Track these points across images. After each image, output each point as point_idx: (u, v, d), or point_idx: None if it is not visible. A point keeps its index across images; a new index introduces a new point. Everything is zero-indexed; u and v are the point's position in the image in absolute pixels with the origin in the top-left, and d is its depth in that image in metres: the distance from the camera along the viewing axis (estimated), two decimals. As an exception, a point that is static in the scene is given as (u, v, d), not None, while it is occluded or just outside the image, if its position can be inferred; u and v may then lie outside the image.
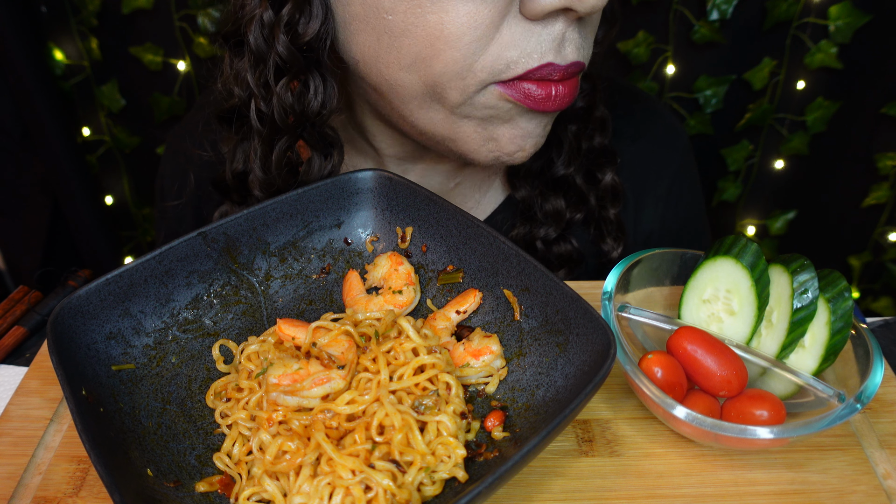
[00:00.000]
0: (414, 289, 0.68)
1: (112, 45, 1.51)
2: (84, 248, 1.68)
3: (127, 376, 0.60)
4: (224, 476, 0.55)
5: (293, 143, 0.76)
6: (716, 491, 0.56)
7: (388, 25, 0.65)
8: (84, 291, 0.59)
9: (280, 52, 0.70)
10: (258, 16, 0.69)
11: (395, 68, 0.68)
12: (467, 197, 0.91)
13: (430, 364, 0.58)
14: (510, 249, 0.63)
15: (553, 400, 0.57)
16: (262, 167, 0.77)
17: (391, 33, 0.66)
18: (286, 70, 0.71)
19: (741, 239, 0.63)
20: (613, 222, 0.89)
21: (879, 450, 0.60)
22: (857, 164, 1.59)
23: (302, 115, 0.74)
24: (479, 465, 0.55)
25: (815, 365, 0.61)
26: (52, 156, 1.53)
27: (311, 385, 0.56)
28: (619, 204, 0.89)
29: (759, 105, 1.54)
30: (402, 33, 0.65)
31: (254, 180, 0.78)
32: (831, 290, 0.60)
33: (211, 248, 0.66)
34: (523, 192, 0.88)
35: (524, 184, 0.88)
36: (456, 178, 0.89)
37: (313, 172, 0.78)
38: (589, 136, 0.87)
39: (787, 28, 1.45)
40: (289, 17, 0.68)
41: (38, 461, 0.58)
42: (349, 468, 0.52)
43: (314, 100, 0.73)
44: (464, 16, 0.63)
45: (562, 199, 0.87)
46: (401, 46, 0.66)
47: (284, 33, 0.69)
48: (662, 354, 0.59)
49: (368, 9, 0.66)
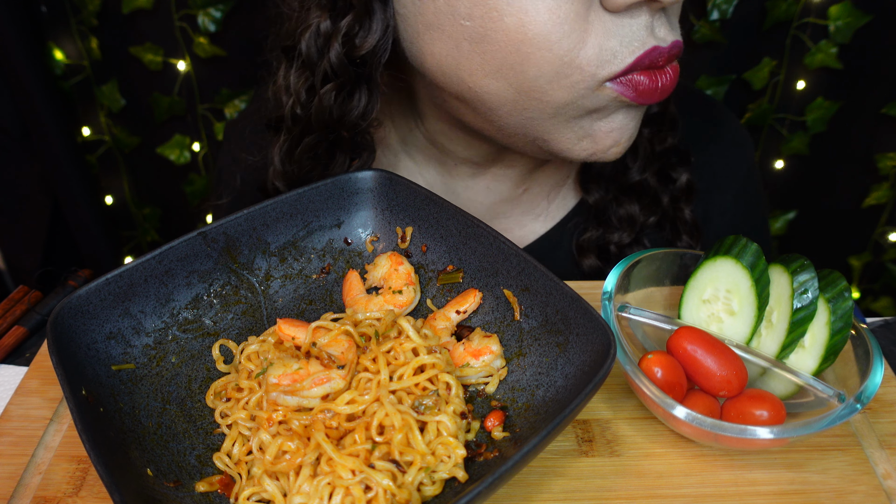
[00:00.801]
0: (414, 289, 0.68)
1: (112, 45, 1.51)
2: (84, 248, 1.68)
3: (127, 376, 0.60)
4: (224, 476, 0.55)
5: (321, 142, 0.76)
6: (716, 491, 0.56)
7: (466, 32, 0.63)
8: (84, 291, 0.59)
9: (332, 61, 0.69)
10: (315, 24, 0.69)
11: (480, 75, 0.65)
12: (535, 203, 0.89)
13: (430, 364, 0.58)
14: (510, 249, 0.63)
15: (553, 400, 0.57)
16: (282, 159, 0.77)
17: (471, 40, 0.63)
18: (334, 79, 0.71)
19: (741, 239, 0.63)
20: (689, 221, 0.87)
21: (879, 450, 0.60)
22: (857, 164, 1.59)
23: (339, 122, 0.73)
24: (479, 465, 0.55)
25: (815, 365, 0.61)
26: (52, 156, 1.53)
27: (311, 385, 0.56)
28: (692, 202, 0.87)
29: (759, 105, 1.54)
30: (483, 39, 0.62)
31: (274, 172, 0.78)
32: (831, 290, 0.60)
33: (211, 248, 0.66)
34: (596, 195, 0.86)
35: (597, 188, 0.86)
36: (525, 183, 0.87)
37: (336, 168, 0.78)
38: (662, 138, 0.85)
39: (787, 28, 1.45)
40: (347, 29, 0.68)
41: (38, 461, 0.58)
42: (349, 468, 0.52)
43: (355, 110, 0.73)
44: (545, 13, 0.59)
45: (636, 203, 0.86)
46: (484, 53, 0.63)
47: (341, 44, 0.68)
48: (662, 354, 0.59)
49: (443, 16, 0.63)
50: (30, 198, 1.63)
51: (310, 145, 0.76)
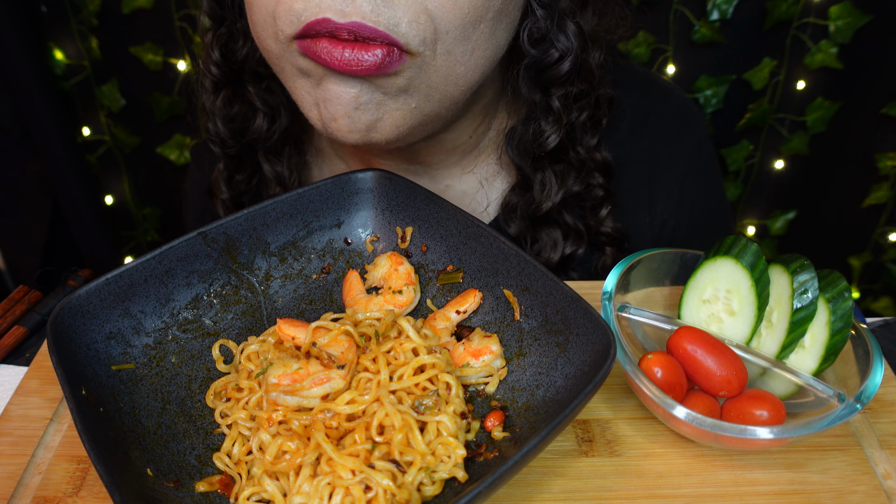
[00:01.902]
0: (414, 289, 0.68)
1: (112, 45, 1.51)
2: (84, 248, 1.68)
3: (127, 376, 0.60)
4: (224, 476, 0.55)
5: (233, 94, 0.84)
6: (716, 491, 0.56)
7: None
8: (84, 291, 0.59)
9: (204, 6, 0.78)
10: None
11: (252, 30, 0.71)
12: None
13: (430, 364, 0.58)
14: (510, 249, 0.63)
15: (553, 400, 0.57)
16: (211, 118, 0.85)
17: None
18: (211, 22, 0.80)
19: (741, 239, 0.63)
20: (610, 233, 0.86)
21: (879, 450, 0.60)
22: (857, 164, 1.60)
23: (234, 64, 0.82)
24: (479, 465, 0.55)
25: (815, 365, 0.61)
26: (52, 156, 1.53)
27: (311, 385, 0.56)
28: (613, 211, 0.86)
29: (760, 105, 1.54)
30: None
31: (209, 130, 0.85)
32: (831, 290, 0.60)
33: (211, 248, 0.66)
34: (512, 228, 0.85)
35: (513, 218, 0.84)
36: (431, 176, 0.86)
37: (255, 129, 0.84)
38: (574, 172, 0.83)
39: (787, 28, 1.45)
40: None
41: (38, 461, 0.58)
42: (349, 468, 0.52)
43: (241, 49, 0.80)
44: None
45: (557, 230, 0.85)
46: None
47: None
48: (662, 354, 0.59)
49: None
50: (30, 198, 1.63)
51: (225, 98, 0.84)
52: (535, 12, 0.72)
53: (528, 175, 0.82)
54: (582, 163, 0.83)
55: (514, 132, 0.82)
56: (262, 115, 0.84)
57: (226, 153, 0.88)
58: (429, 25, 0.63)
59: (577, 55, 0.75)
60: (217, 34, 0.81)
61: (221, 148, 0.87)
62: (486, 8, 0.65)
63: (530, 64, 0.75)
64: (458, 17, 0.63)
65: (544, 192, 0.82)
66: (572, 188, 0.84)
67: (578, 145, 0.83)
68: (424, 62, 0.64)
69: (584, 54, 0.76)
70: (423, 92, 0.67)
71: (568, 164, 0.83)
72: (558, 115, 0.78)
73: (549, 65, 0.75)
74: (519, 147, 0.81)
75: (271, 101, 0.84)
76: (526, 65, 0.76)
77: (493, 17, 0.66)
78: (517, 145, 0.81)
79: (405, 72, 0.64)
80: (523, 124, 0.80)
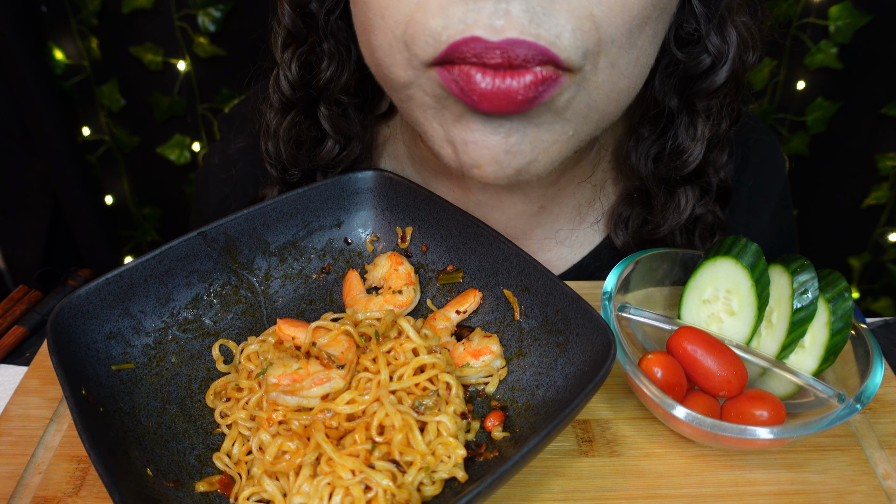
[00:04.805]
0: (414, 289, 0.68)
1: (112, 44, 1.51)
2: (84, 248, 1.68)
3: (127, 376, 0.60)
4: (224, 476, 0.55)
5: (304, 117, 0.75)
6: (716, 491, 0.56)
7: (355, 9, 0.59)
8: (84, 291, 0.59)
9: (284, 21, 0.70)
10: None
11: (366, 52, 0.60)
12: (557, 225, 0.79)
13: (430, 364, 0.58)
14: (510, 249, 0.63)
15: (553, 400, 0.57)
16: (271, 139, 0.76)
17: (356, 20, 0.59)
18: (292, 39, 0.71)
19: (741, 239, 0.63)
20: None
21: (879, 450, 0.60)
22: (857, 164, 1.60)
23: (312, 88, 0.72)
24: (479, 465, 0.55)
25: (815, 365, 0.61)
26: (52, 156, 1.53)
27: (311, 385, 0.56)
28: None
29: (759, 105, 1.54)
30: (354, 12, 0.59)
31: (268, 150, 0.77)
32: (831, 291, 0.60)
33: (211, 248, 0.66)
34: (620, 240, 0.77)
35: (623, 233, 0.76)
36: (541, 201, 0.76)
37: (323, 154, 0.75)
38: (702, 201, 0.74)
39: (787, 28, 1.45)
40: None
41: (38, 461, 0.58)
42: (349, 468, 0.52)
43: (324, 72, 0.71)
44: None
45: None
46: (357, 24, 0.59)
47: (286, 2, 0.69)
48: (662, 354, 0.59)
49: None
50: (30, 198, 1.63)
51: (292, 122, 0.75)
52: (695, 9, 0.63)
53: (652, 191, 0.74)
54: (710, 185, 0.74)
55: (642, 141, 0.72)
56: (333, 142, 0.75)
57: (284, 179, 0.78)
58: (593, 34, 0.52)
59: (735, 63, 0.65)
60: (297, 53, 0.72)
61: (280, 173, 0.78)
62: (654, 6, 0.54)
63: (674, 69, 0.67)
64: (626, 20, 0.53)
65: (666, 214, 0.74)
66: (695, 212, 0.75)
67: (710, 165, 0.74)
68: (584, 79, 0.54)
69: (741, 62, 0.66)
70: (581, 115, 0.56)
71: (700, 187, 0.75)
72: (702, 132, 0.69)
73: (700, 73, 0.66)
74: (646, 160, 0.72)
75: (346, 129, 0.75)
76: (665, 67, 0.67)
77: (658, 16, 0.56)
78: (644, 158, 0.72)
79: (563, 94, 0.53)
80: (654, 133, 0.71)
